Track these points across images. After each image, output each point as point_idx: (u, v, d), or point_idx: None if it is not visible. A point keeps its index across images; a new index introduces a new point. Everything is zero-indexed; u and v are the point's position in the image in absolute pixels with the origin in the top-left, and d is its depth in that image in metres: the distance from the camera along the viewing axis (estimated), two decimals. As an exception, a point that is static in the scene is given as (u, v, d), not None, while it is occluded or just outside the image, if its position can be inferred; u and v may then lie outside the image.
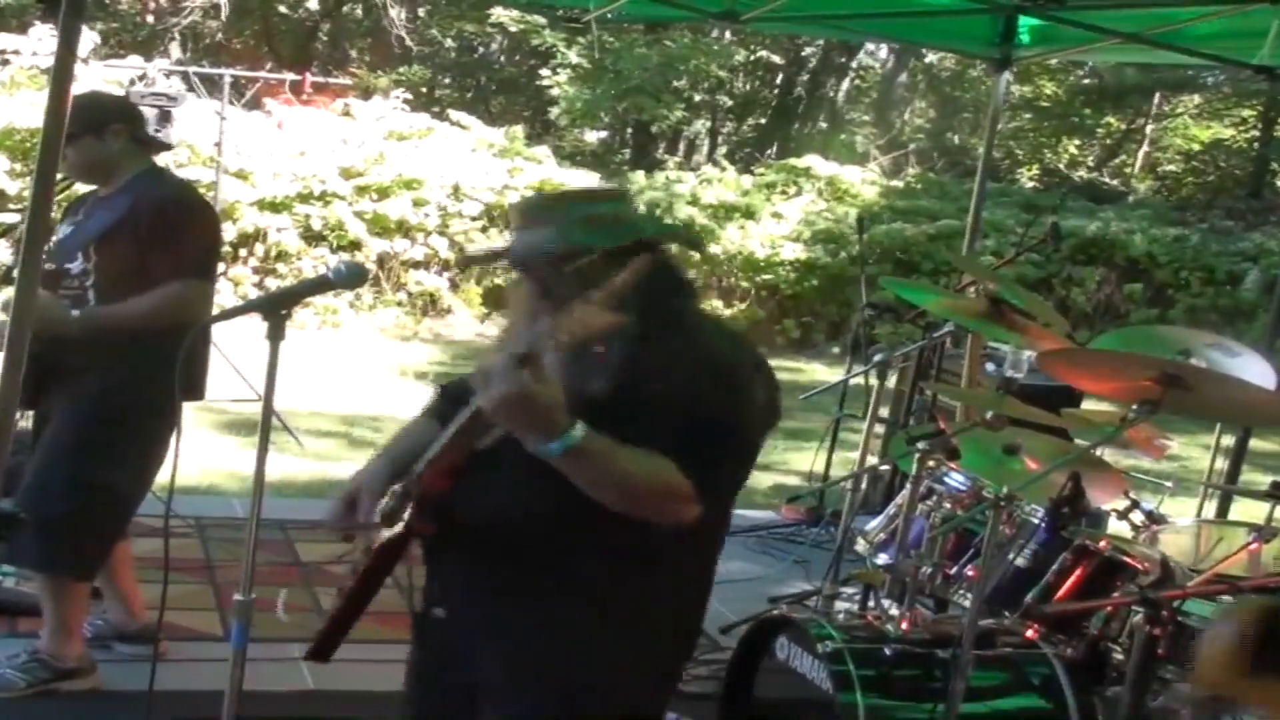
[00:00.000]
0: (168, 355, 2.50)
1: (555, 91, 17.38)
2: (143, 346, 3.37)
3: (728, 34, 17.77)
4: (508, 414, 1.91)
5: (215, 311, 3.77)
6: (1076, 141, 22.01)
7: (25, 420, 3.70)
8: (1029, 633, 3.29)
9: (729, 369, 2.06)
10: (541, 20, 16.64)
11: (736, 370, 2.08)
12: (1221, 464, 5.60)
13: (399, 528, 2.16)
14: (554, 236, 2.07)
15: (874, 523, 4.06)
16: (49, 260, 3.37)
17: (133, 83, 7.65)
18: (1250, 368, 3.56)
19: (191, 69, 8.85)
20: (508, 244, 2.17)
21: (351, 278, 2.57)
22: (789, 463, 7.56)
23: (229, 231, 10.46)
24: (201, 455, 6.15)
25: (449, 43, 21.13)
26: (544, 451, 1.91)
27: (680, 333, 2.05)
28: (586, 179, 12.90)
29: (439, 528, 2.12)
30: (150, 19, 18.34)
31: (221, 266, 9.84)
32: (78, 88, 3.04)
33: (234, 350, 6.54)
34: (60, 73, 2.89)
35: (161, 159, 9.54)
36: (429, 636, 2.25)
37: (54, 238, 3.61)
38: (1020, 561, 3.43)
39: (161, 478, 3.61)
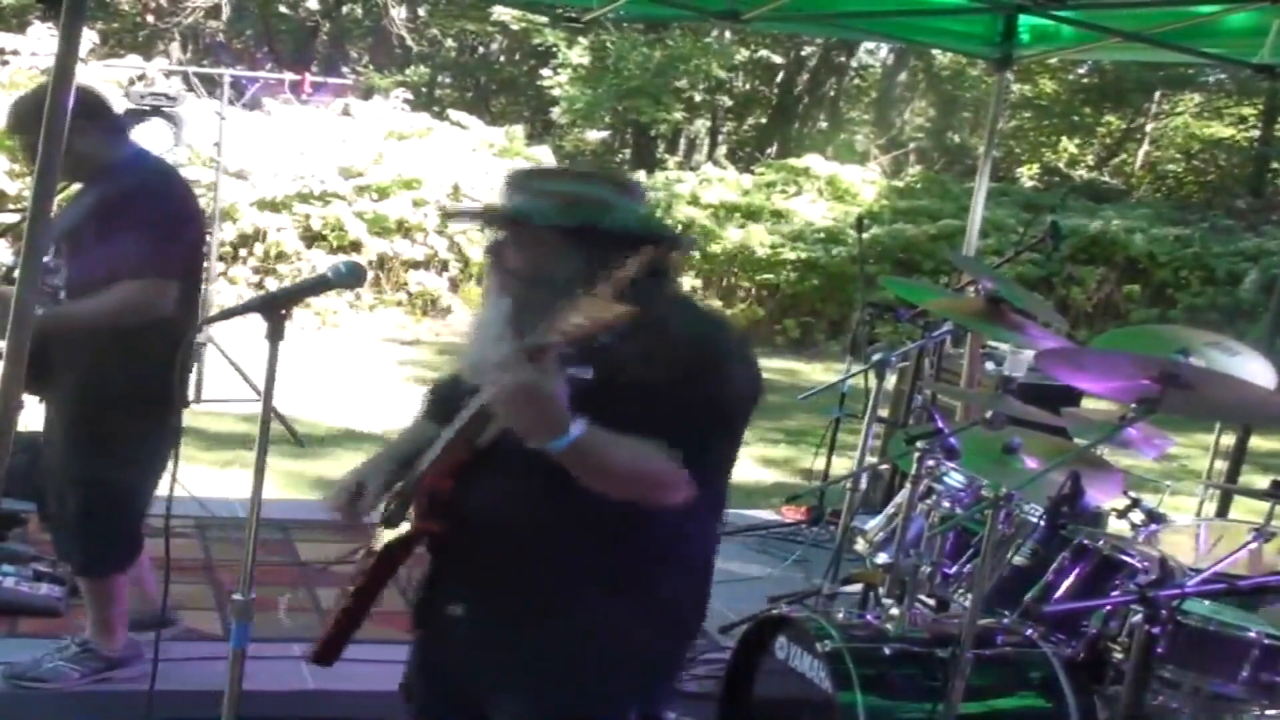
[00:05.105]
0: (147, 351, 2.47)
1: (556, 91, 17.38)
2: (119, 344, 3.34)
3: (728, 34, 17.76)
4: (514, 410, 1.89)
5: (214, 311, 3.77)
6: (1077, 140, 21.99)
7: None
8: (1028, 632, 3.29)
9: (710, 350, 2.08)
10: (542, 20, 16.63)
11: (718, 351, 2.09)
12: (1221, 463, 5.60)
13: (403, 529, 2.16)
14: (559, 210, 2.02)
15: (873, 522, 4.06)
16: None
17: (132, 82, 7.65)
18: (1250, 367, 3.55)
19: (191, 69, 8.84)
20: (510, 204, 2.11)
21: (351, 277, 2.57)
22: (789, 462, 7.56)
23: (229, 231, 10.45)
24: (202, 455, 6.16)
25: (449, 42, 21.13)
26: (547, 447, 1.89)
27: (660, 316, 2.00)
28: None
29: (446, 526, 2.12)
30: (150, 19, 18.35)
31: (221, 266, 9.86)
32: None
33: (234, 350, 6.55)
34: (60, 73, 2.89)
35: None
36: (443, 634, 2.23)
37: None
38: (1019, 560, 3.43)
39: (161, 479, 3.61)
